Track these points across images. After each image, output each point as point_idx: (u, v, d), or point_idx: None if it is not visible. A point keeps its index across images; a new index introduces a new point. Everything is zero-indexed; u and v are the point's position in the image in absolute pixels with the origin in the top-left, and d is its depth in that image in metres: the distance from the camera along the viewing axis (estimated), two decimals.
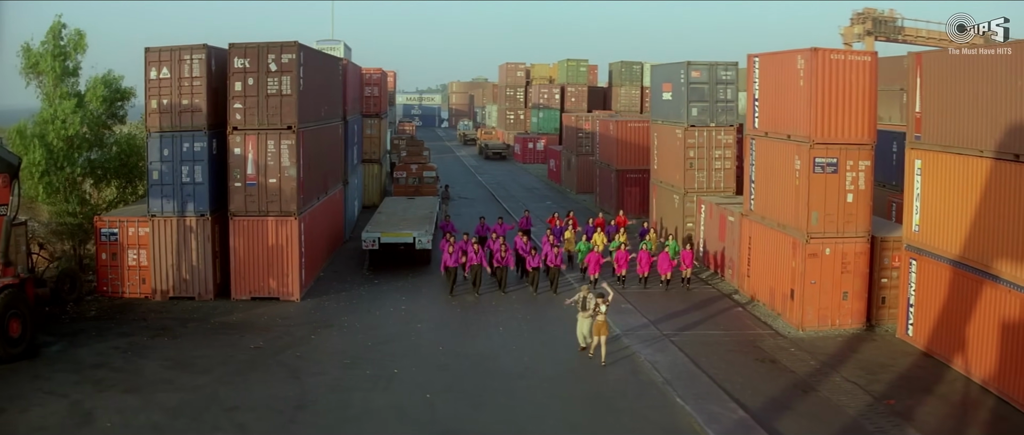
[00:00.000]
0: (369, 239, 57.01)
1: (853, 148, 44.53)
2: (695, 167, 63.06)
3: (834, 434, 32.44)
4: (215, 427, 30.60)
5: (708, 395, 35.66)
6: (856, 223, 44.84)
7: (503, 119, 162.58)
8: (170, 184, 49.28)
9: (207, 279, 49.71)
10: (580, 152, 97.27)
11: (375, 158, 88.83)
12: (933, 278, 40.70)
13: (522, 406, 34.12)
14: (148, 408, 32.03)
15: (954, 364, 38.89)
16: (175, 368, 37.04)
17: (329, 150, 62.01)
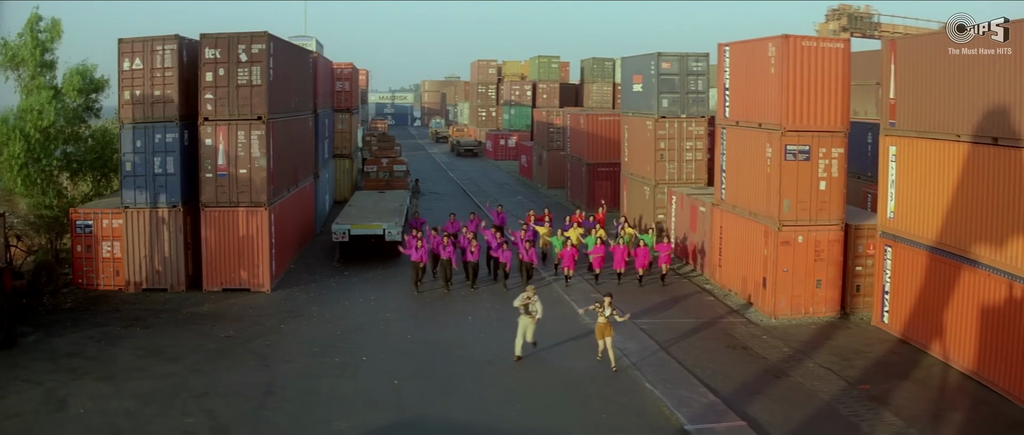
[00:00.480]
0: (339, 231, 56.37)
1: (826, 136, 43.50)
2: (666, 158, 62.05)
3: (807, 418, 31.72)
4: (185, 413, 30.33)
5: (678, 380, 34.84)
6: (829, 211, 43.76)
7: (475, 116, 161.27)
8: (143, 175, 48.51)
9: (179, 270, 48.89)
10: (551, 147, 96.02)
11: (346, 153, 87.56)
12: (909, 265, 39.68)
13: (490, 391, 33.38)
14: (120, 395, 31.82)
15: (932, 351, 37.89)
16: (147, 357, 36.72)
17: (299, 142, 61.08)
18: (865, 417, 31.47)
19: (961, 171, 35.87)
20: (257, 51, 48.61)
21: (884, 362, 37.64)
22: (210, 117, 48.73)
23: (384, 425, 30.13)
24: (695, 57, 62.12)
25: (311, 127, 66.57)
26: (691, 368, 36.59)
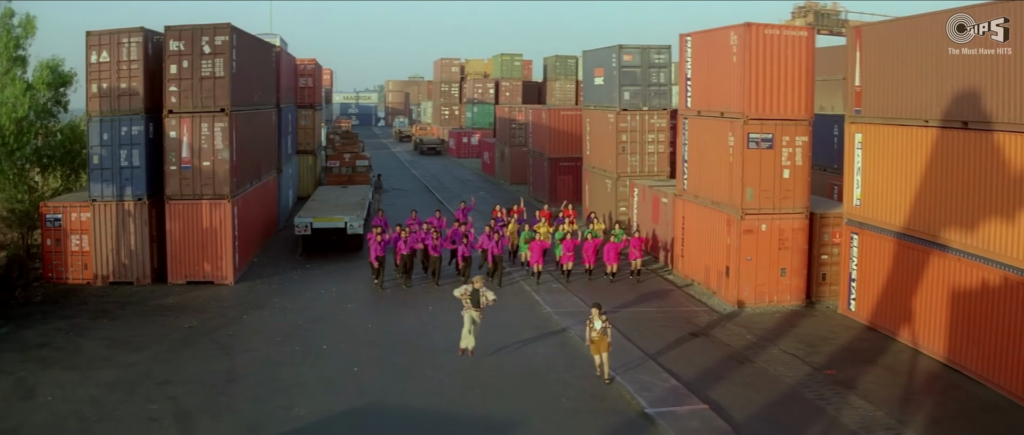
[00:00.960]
0: (301, 224, 55.56)
1: (789, 124, 42.53)
2: (627, 151, 60.85)
3: (771, 402, 31.07)
4: (148, 400, 30.18)
5: (639, 366, 34.08)
6: (793, 199, 42.75)
7: (438, 115, 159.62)
8: (110, 168, 47.79)
9: (145, 263, 48.07)
10: (513, 143, 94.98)
11: (310, 149, 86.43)
12: (876, 252, 38.74)
13: (450, 378, 32.91)
14: (86, 383, 31.75)
15: (900, 337, 36.93)
16: (113, 347, 36.44)
17: (262, 136, 60.25)
18: (831, 401, 30.81)
19: (929, 156, 34.95)
20: (220, 43, 47.90)
21: (851, 348, 36.75)
22: (174, 109, 48.00)
23: (344, 410, 29.84)
24: (657, 49, 60.81)
25: (274, 121, 65.67)
26: (652, 354, 35.88)
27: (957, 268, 33.31)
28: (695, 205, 47.57)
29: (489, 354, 35.30)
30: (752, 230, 42.48)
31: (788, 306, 42.77)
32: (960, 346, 33.16)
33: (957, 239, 33.34)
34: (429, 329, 39.88)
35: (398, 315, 42.58)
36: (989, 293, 31.53)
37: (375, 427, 28.64)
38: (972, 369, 32.38)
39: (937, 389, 31.93)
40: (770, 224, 42.57)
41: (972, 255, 32.44)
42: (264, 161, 60.55)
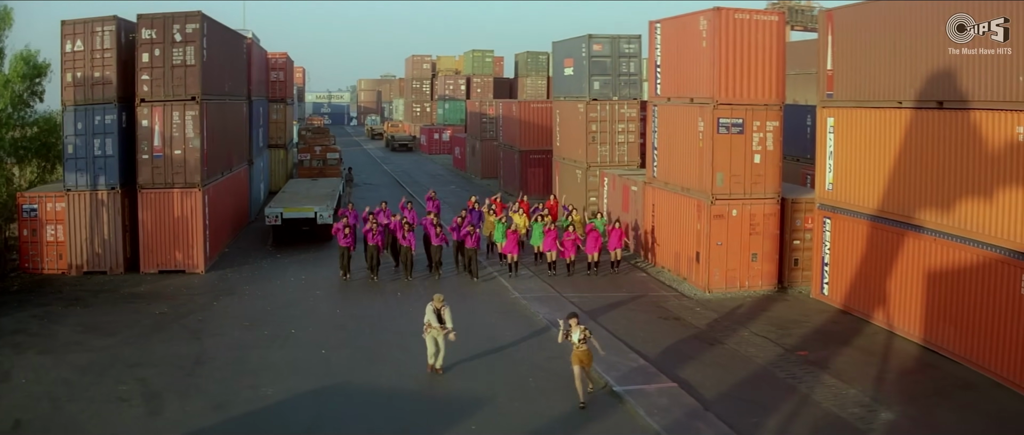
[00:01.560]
0: (272, 215, 54.92)
1: (760, 108, 41.58)
2: (598, 141, 59.95)
3: (741, 381, 30.41)
4: (119, 381, 30.25)
5: (606, 346, 32.44)
6: (765, 184, 41.79)
7: (409, 112, 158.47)
8: (83, 158, 47.27)
9: (117, 253, 47.56)
10: (484, 137, 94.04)
11: (281, 143, 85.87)
12: (849, 235, 37.88)
13: (418, 359, 31.99)
14: (59, 366, 31.83)
15: (875, 319, 36.04)
16: (85, 332, 36.39)
17: (233, 127, 59.57)
18: (803, 379, 30.16)
19: (903, 138, 34.09)
20: (191, 31, 47.41)
21: (824, 331, 35.94)
22: (146, 98, 47.54)
23: (311, 389, 29.62)
24: (627, 38, 59.92)
25: (245, 113, 64.97)
26: (621, 336, 35.20)
27: (933, 249, 32.46)
28: (665, 192, 46.54)
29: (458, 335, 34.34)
30: (722, 215, 41.53)
31: (760, 291, 41.81)
32: (936, 327, 32.30)
33: (932, 220, 32.44)
34: (397, 314, 39.29)
35: (367, 301, 41.99)
36: (966, 272, 30.70)
37: (341, 405, 28.36)
38: (949, 349, 31.53)
39: (913, 368, 31.09)
40: (741, 209, 41.58)
41: (948, 235, 31.59)
42: (235, 152, 59.81)
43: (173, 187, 47.48)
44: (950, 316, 31.54)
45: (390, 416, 22.59)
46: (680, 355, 33.02)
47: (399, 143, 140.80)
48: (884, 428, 25.95)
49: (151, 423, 26.67)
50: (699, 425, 26.34)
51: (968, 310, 30.67)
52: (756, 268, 42.02)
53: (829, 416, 26.88)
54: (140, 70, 47.45)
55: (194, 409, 27.71)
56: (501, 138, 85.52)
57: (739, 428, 25.95)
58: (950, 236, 31.52)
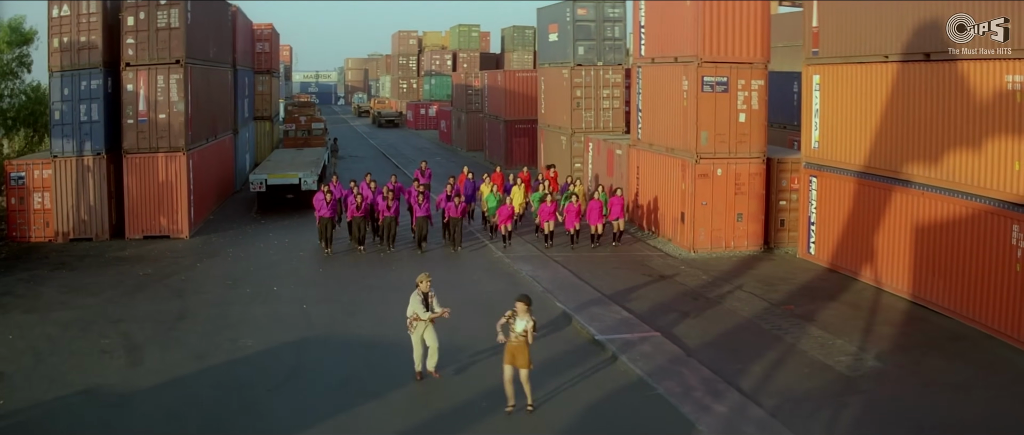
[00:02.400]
0: (256, 181, 54.89)
1: (745, 67, 40.94)
2: (582, 107, 59.53)
3: (726, 332, 30.08)
4: (101, 335, 30.34)
5: (591, 301, 33.35)
6: (750, 143, 41.18)
7: (396, 88, 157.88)
8: (70, 124, 47.11)
9: (103, 219, 47.35)
10: (470, 110, 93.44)
11: (267, 115, 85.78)
12: (835, 193, 37.40)
13: (398, 311, 30.06)
14: (44, 324, 31.92)
15: (862, 276, 35.55)
16: (70, 293, 36.55)
17: (218, 94, 59.24)
18: (789, 331, 29.77)
19: (890, 92, 33.54)
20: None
21: (810, 287, 35.43)
22: (132, 62, 47.36)
23: (291, 340, 29.58)
24: (611, 3, 59.51)
25: (230, 81, 64.51)
26: (606, 292, 34.92)
27: (921, 203, 31.97)
28: (650, 154, 45.93)
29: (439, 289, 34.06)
30: (707, 175, 40.99)
31: (745, 252, 41.30)
32: (925, 281, 31.81)
33: (920, 173, 31.92)
34: (379, 272, 39.28)
35: (350, 262, 41.78)
36: (955, 225, 30.22)
37: (320, 353, 28.28)
38: (938, 303, 31.03)
39: (901, 322, 30.57)
40: (726, 168, 41.01)
41: (937, 188, 31.09)
42: (220, 120, 59.52)
43: (158, 151, 47.23)
44: (939, 270, 31.06)
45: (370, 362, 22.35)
46: (664, 309, 32.63)
47: (386, 119, 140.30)
48: (872, 374, 25.55)
49: (132, 372, 26.56)
50: (682, 370, 26.00)
51: (958, 263, 30.19)
52: (741, 228, 41.48)
53: (815, 363, 26.45)
54: (125, 33, 47.26)
55: (174, 359, 27.68)
56: (486, 109, 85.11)
57: (723, 373, 25.58)
58: (939, 189, 31.01)
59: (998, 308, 28.38)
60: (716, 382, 25.01)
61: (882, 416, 22.75)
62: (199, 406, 23.91)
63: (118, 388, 25.05)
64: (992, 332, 28.39)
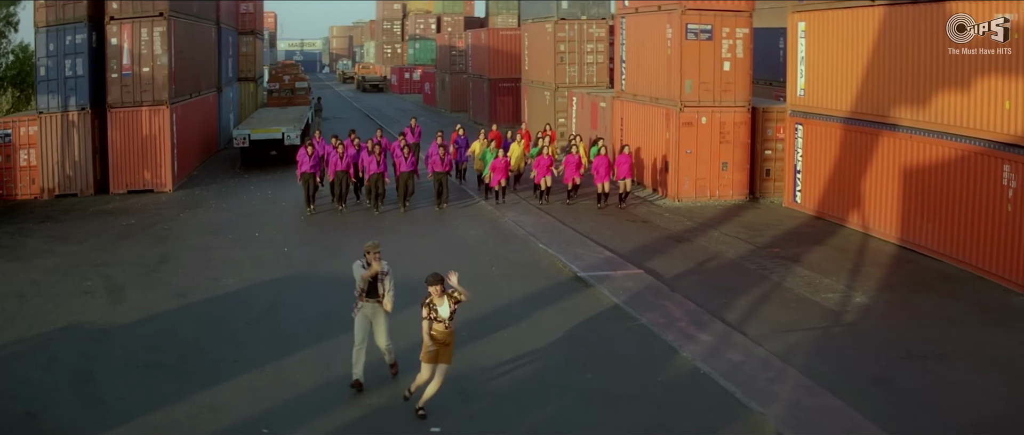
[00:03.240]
0: (240, 136, 54.69)
1: (729, 15, 40.47)
2: (566, 62, 58.94)
3: (710, 271, 29.89)
4: (84, 278, 30.37)
5: (573, 242, 33.30)
6: (735, 92, 40.71)
7: (380, 54, 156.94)
8: (55, 79, 46.73)
9: (88, 174, 47.05)
10: (454, 70, 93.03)
11: (251, 77, 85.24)
12: (822, 141, 37.06)
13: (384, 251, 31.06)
14: (28, 270, 31.89)
15: (849, 223, 35.19)
16: (54, 242, 36.58)
17: (201, 50, 58.91)
18: (775, 271, 29.48)
19: (877, 36, 33.10)
20: None
21: (797, 233, 35.12)
22: (115, 16, 46.87)
23: (271, 279, 29.62)
24: None
25: (214, 38, 63.92)
26: (588, 235, 34.87)
27: (909, 147, 31.62)
28: (634, 104, 45.49)
29: (420, 232, 35.29)
30: (692, 123, 40.59)
31: (730, 201, 40.90)
32: (914, 225, 31.50)
33: (908, 117, 31.53)
34: (363, 218, 39.13)
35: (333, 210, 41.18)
36: (945, 167, 29.85)
37: (300, 290, 28.28)
38: (928, 246, 30.71)
39: (890, 263, 30.28)
40: (710, 117, 40.59)
41: (926, 131, 30.74)
42: (203, 76, 59.27)
43: (141, 105, 47.05)
44: (929, 213, 30.73)
45: (349, 296, 21.87)
46: (648, 250, 32.43)
47: (370, 84, 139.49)
48: (859, 308, 25.34)
49: (113, 310, 26.54)
50: (665, 303, 25.88)
51: (947, 206, 29.85)
52: (726, 177, 41.08)
53: (801, 299, 26.22)
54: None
55: (155, 298, 27.62)
56: (470, 69, 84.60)
57: (707, 306, 25.42)
58: (927, 132, 30.67)
59: (989, 249, 28.02)
60: (700, 314, 24.83)
61: (870, 343, 22.66)
62: (179, 337, 23.89)
63: (99, 324, 24.98)
64: (983, 273, 28.01)
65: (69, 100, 46.56)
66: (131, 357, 22.31)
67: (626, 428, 17.96)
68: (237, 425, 18.15)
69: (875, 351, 21.97)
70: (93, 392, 20.08)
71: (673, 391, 19.77)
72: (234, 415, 18.51)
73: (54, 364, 21.77)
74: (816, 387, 19.50)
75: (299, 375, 20.50)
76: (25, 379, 20.77)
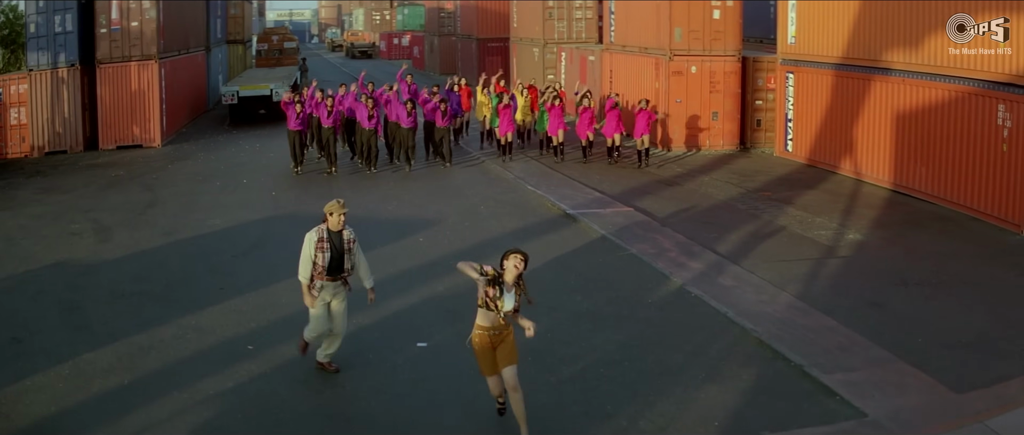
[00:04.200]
0: (228, 93, 54.86)
1: None
2: (555, 17, 58.49)
3: (701, 210, 29.88)
4: (72, 222, 30.60)
5: (562, 184, 33.35)
6: (725, 41, 40.34)
7: (369, 21, 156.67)
8: (45, 36, 46.33)
9: (77, 131, 46.84)
10: (442, 33, 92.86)
11: (240, 39, 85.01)
12: (813, 88, 36.73)
13: (370, 195, 32.83)
14: (17, 217, 32.09)
15: (842, 170, 34.92)
16: (44, 192, 36.64)
17: (190, 6, 58.61)
18: (766, 211, 29.40)
19: None
20: None
21: (789, 178, 34.84)
22: None
23: (258, 219, 30.00)
24: None
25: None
26: (577, 178, 34.82)
27: (902, 90, 31.26)
28: (623, 55, 45.12)
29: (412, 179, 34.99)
30: (681, 71, 40.34)
31: (721, 150, 40.59)
32: (907, 169, 31.19)
33: (901, 60, 31.14)
34: (352, 163, 39.19)
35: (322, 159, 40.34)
36: (939, 109, 29.56)
37: (286, 227, 27.73)
38: (922, 190, 30.40)
39: (883, 205, 30.07)
40: (700, 66, 40.26)
41: (919, 74, 30.37)
42: (192, 34, 59.13)
43: (130, 60, 46.91)
44: (922, 157, 30.43)
45: None
46: (637, 192, 32.35)
47: (359, 50, 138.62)
48: (853, 245, 25.17)
49: (100, 248, 26.71)
50: (655, 236, 25.89)
51: (941, 148, 29.55)
52: (717, 127, 40.77)
53: (794, 235, 26.10)
54: None
55: (142, 237, 27.87)
56: (459, 30, 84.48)
57: (697, 239, 25.43)
58: (920, 75, 30.33)
59: (984, 190, 27.71)
60: (690, 245, 24.83)
61: (864, 272, 22.57)
62: (166, 269, 23.98)
63: (86, 261, 25.08)
64: (978, 214, 27.71)
65: (59, 56, 46.25)
66: (117, 288, 22.30)
67: (617, 342, 17.97)
68: (222, 343, 18.18)
69: (870, 279, 21.84)
70: (79, 319, 20.06)
71: (664, 311, 19.73)
72: (219, 335, 18.51)
73: (41, 296, 21.77)
74: (809, 308, 19.43)
75: (284, 299, 20.34)
76: (12, 309, 20.80)
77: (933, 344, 17.53)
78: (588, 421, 14.69)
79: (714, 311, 19.42)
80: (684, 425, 14.55)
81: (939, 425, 14.10)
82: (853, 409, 14.73)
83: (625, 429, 14.44)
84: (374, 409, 15.14)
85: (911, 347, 17.30)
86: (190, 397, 15.70)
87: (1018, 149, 26.20)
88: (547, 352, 17.16)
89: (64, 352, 17.72)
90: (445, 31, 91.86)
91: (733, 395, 15.49)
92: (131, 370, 16.90)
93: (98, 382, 16.40)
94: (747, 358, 17.13)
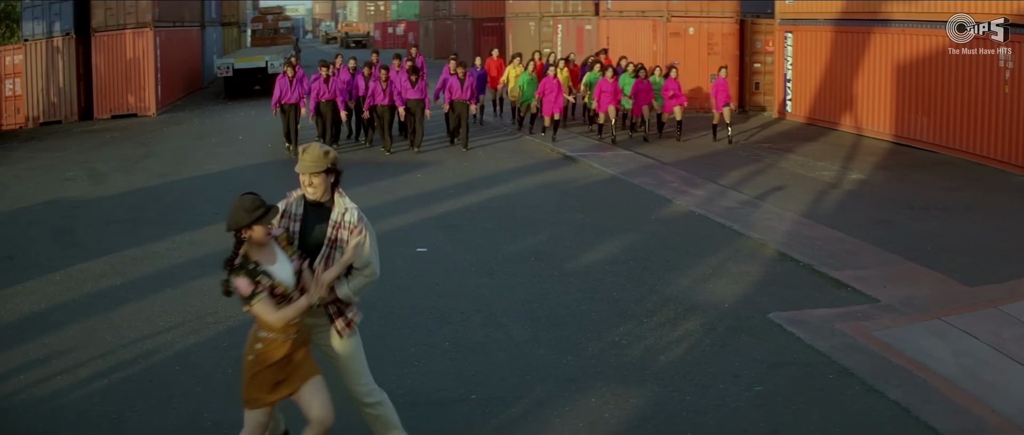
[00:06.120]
0: (223, 65, 54.44)
1: None
2: None
3: (702, 156, 29.79)
4: (67, 170, 30.62)
5: (559, 137, 32.96)
6: (723, 2, 40.33)
7: (363, 12, 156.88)
8: (40, 4, 46.44)
9: (72, 101, 46.78)
10: (437, 17, 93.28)
11: (234, 21, 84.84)
12: (812, 46, 36.54)
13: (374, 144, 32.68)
14: (13, 170, 31.94)
15: (842, 126, 34.66)
16: (39, 152, 36.49)
17: None
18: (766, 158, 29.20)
19: None
20: None
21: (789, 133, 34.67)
22: None
23: (254, 163, 30.39)
24: None
25: None
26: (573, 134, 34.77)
27: (902, 41, 31.07)
28: (619, 20, 44.69)
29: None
30: (679, 33, 40.21)
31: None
32: (908, 120, 30.96)
33: (900, 10, 31.02)
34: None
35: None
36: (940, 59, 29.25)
37: (284, 168, 25.88)
38: (923, 139, 30.13)
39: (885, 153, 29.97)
40: (698, 27, 40.11)
41: (918, 23, 30.16)
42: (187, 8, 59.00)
43: (125, 28, 46.77)
44: (924, 106, 30.19)
45: None
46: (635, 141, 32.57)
47: (353, 40, 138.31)
48: (856, 183, 24.96)
49: (93, 190, 26.65)
50: (657, 172, 25.98)
51: (942, 96, 29.33)
52: None
53: (796, 175, 25.94)
54: None
55: (138, 179, 27.86)
56: (454, 11, 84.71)
57: (700, 175, 25.44)
58: (920, 24, 30.08)
59: (987, 134, 27.39)
60: (693, 178, 24.88)
61: (871, 198, 22.59)
62: (160, 201, 24.12)
63: (81, 198, 25.12)
64: (981, 159, 27.34)
65: (54, 25, 46.17)
66: (112, 216, 22.30)
67: (621, 247, 17.98)
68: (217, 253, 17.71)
69: (875, 204, 21.78)
70: (73, 239, 20.11)
71: (668, 226, 19.67)
72: (213, 246, 18.06)
73: (35, 225, 21.78)
74: (816, 224, 19.37)
75: None
76: (5, 235, 20.79)
77: (943, 251, 17.38)
78: (592, 304, 14.61)
79: (719, 225, 19.36)
80: (692, 305, 14.51)
81: (953, 308, 13.83)
82: (865, 296, 14.59)
83: (631, 310, 14.33)
84: (372, 299, 14.93)
85: (921, 253, 17.13)
86: (184, 292, 15.72)
87: (1020, 90, 25.94)
88: (551, 254, 17.24)
89: (57, 264, 17.62)
90: (440, 15, 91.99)
91: (742, 286, 15.41)
92: (124, 274, 16.87)
93: (90, 284, 16.36)
94: (755, 258, 17.11)
